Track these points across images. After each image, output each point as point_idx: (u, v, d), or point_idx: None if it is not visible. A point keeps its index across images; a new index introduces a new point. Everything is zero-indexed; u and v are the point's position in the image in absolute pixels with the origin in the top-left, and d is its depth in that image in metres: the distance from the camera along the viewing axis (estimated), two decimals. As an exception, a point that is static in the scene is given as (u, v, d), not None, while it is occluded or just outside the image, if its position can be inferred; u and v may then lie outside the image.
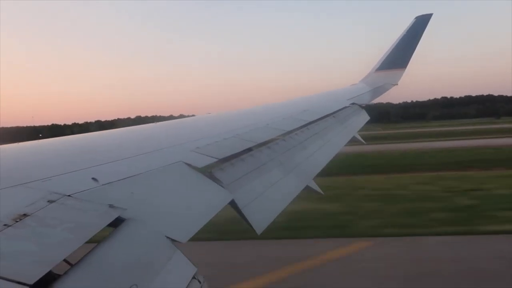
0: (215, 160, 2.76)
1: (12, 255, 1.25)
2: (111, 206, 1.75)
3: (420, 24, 9.27)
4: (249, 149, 3.29)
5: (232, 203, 2.51)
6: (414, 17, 9.45)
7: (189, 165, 2.52)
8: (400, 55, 9.29)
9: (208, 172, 2.63)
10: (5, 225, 1.38)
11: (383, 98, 8.92)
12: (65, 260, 1.39)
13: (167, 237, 1.79)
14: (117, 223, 1.69)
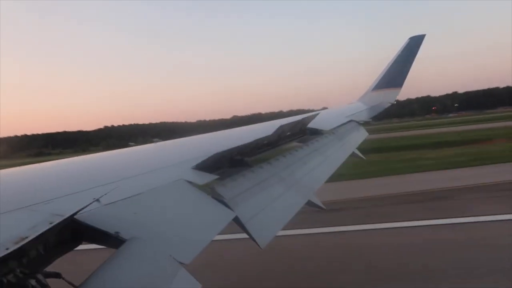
0: (216, 176, 2.75)
1: None
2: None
3: (414, 44, 9.51)
4: (249, 165, 3.29)
5: (235, 219, 2.49)
6: (408, 37, 9.70)
7: (190, 182, 2.52)
8: (395, 75, 9.49)
9: (209, 188, 2.63)
10: (7, 249, 1.36)
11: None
12: (69, 282, 1.37)
13: (171, 256, 1.77)
14: (120, 242, 1.68)
